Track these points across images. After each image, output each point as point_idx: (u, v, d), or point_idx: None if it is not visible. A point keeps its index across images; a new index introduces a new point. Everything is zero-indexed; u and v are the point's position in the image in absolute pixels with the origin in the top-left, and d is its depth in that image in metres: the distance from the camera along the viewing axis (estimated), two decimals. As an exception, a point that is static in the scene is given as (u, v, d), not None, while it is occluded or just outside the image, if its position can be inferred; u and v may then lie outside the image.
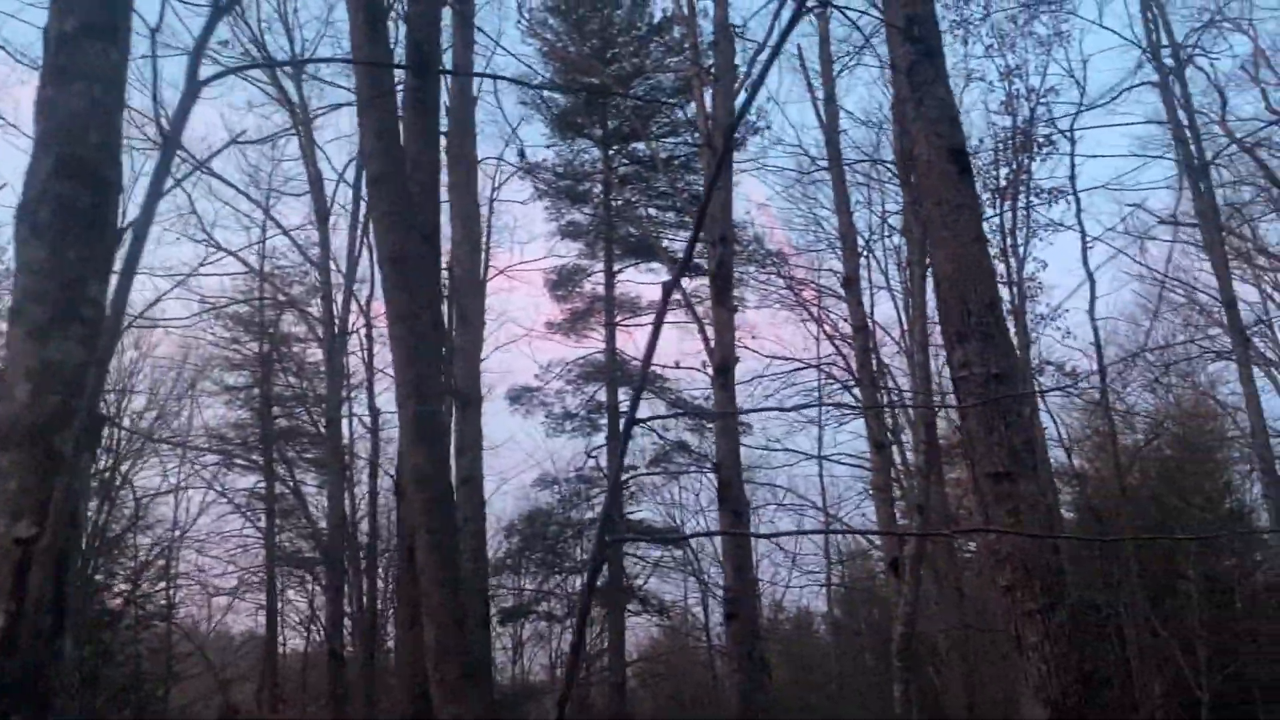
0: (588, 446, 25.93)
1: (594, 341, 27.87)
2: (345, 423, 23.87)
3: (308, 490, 26.90)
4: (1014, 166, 22.70)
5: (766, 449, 26.62)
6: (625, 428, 2.92)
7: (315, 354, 26.12)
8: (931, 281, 5.32)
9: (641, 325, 26.54)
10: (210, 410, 27.78)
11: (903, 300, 21.18)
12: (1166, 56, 15.79)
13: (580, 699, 28.12)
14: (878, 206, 21.92)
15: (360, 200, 20.60)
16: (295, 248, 23.45)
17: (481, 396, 11.95)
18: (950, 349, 5.16)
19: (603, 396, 27.24)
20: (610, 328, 26.79)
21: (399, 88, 8.40)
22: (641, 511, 28.60)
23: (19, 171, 3.47)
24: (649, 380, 27.07)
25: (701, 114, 23.17)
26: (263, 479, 26.67)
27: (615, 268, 27.57)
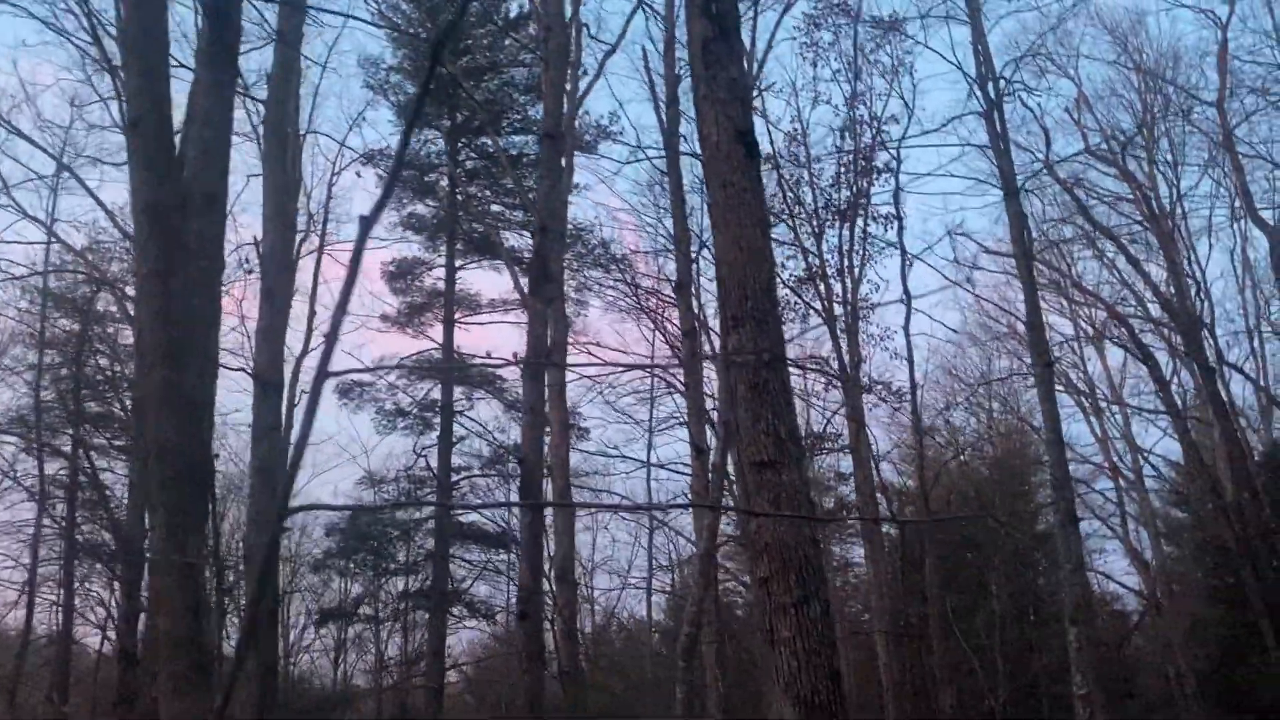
0: (416, 445, 25.18)
1: (429, 339, 27.16)
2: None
3: (112, 479, 25.17)
4: (854, 190, 23.36)
5: (604, 455, 26.49)
6: (315, 382, 2.58)
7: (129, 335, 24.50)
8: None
9: (481, 323, 26.02)
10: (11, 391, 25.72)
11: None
12: (992, 90, 16.40)
13: (398, 703, 27.30)
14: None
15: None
16: (110, 218, 21.91)
17: (283, 381, 11.28)
18: (725, 333, 5.00)
19: (437, 394, 26.54)
20: (449, 324, 26.13)
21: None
22: (472, 515, 27.95)
23: None
24: (484, 380, 26.54)
25: (547, 113, 22.88)
26: (66, 465, 24.88)
27: (457, 264, 26.94)
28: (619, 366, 20.90)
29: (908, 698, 18.84)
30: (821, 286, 23.27)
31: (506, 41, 27.47)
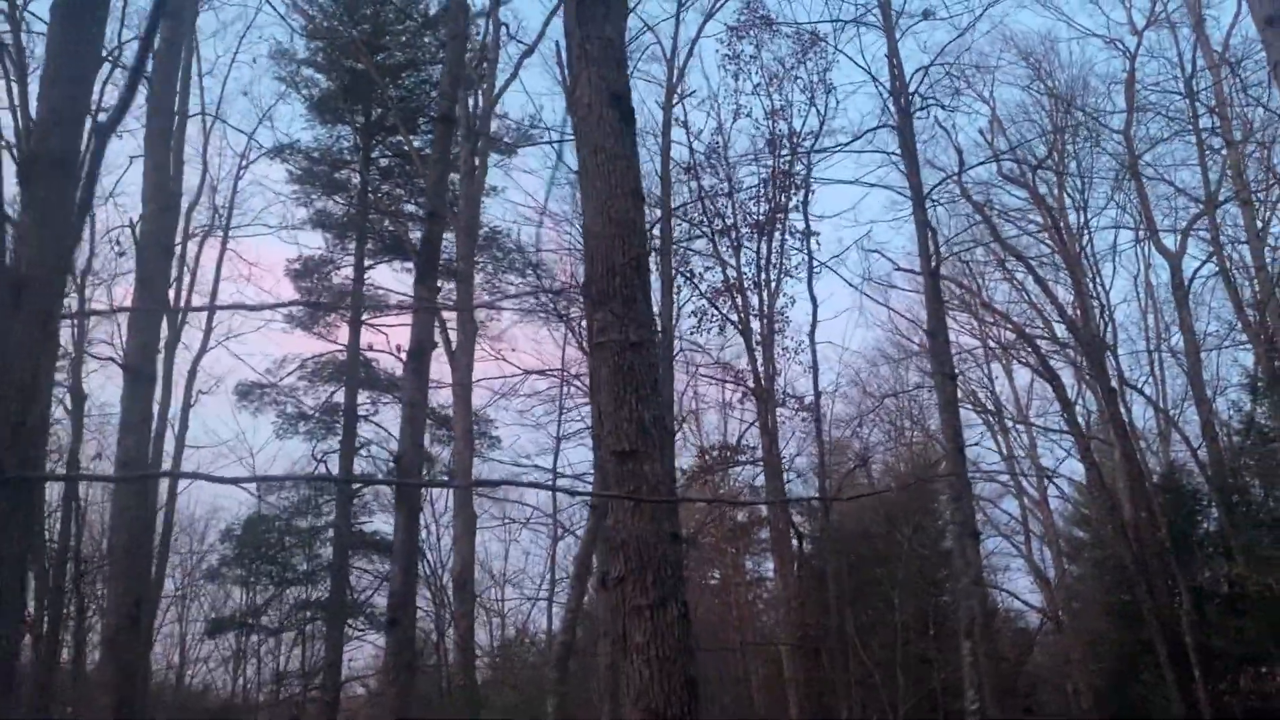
0: (314, 450, 24.32)
1: (332, 341, 26.33)
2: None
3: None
4: (772, 204, 23.31)
5: (517, 464, 25.92)
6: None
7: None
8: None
9: (390, 326, 25.26)
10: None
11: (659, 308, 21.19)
12: (905, 102, 16.42)
13: (289, 715, 26.30)
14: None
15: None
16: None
17: (156, 372, 10.60)
18: (590, 311, 4.65)
19: (340, 398, 25.70)
20: (355, 325, 25.33)
21: None
22: (374, 523, 27.15)
23: None
24: (391, 385, 25.79)
25: (465, 112, 22.41)
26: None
27: (366, 263, 26.19)
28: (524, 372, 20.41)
29: (811, 711, 18.72)
30: (738, 299, 23.18)
31: (425, 39, 26.93)
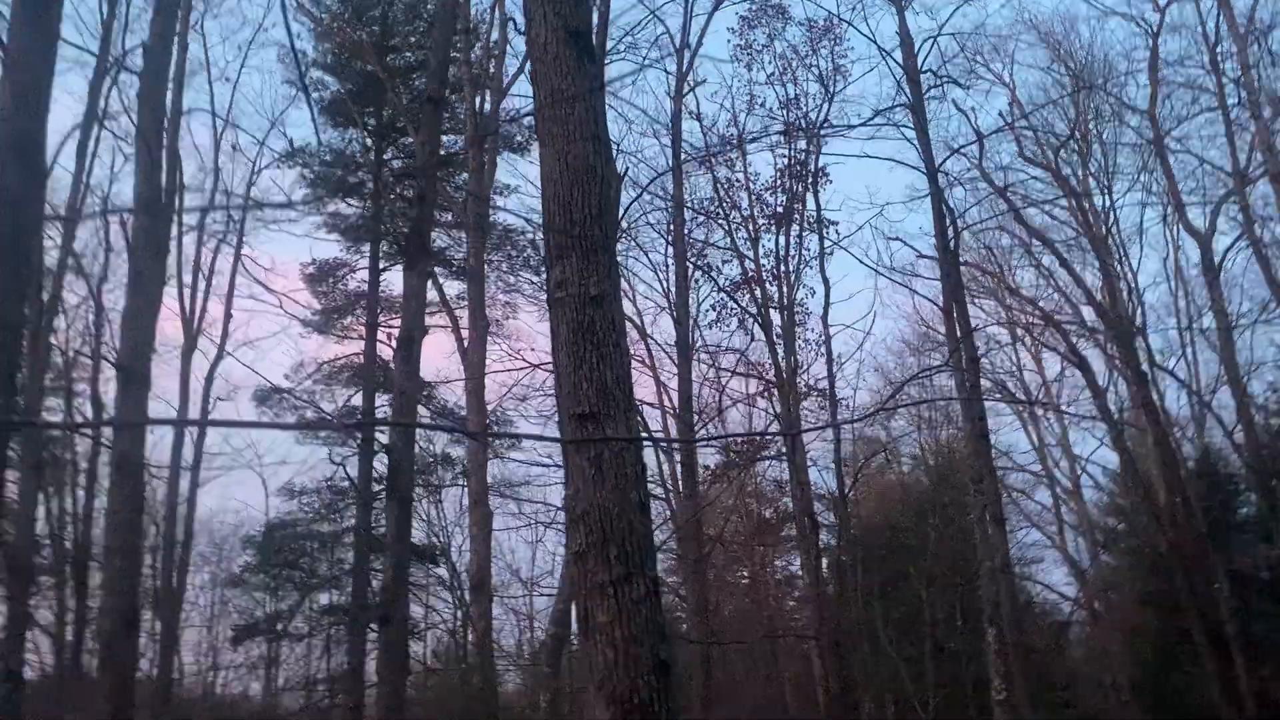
0: (332, 454, 24.12)
1: (352, 343, 26.18)
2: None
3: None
4: (789, 195, 22.90)
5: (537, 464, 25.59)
6: None
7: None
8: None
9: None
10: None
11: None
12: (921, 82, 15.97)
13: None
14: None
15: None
16: None
17: (149, 372, 10.38)
18: (550, 265, 4.29)
19: (358, 401, 25.50)
20: (371, 328, 25.13)
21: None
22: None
23: None
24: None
25: (471, 112, 22.16)
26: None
27: (381, 265, 25.97)
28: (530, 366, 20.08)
29: (839, 706, 18.27)
30: (757, 291, 22.76)
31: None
